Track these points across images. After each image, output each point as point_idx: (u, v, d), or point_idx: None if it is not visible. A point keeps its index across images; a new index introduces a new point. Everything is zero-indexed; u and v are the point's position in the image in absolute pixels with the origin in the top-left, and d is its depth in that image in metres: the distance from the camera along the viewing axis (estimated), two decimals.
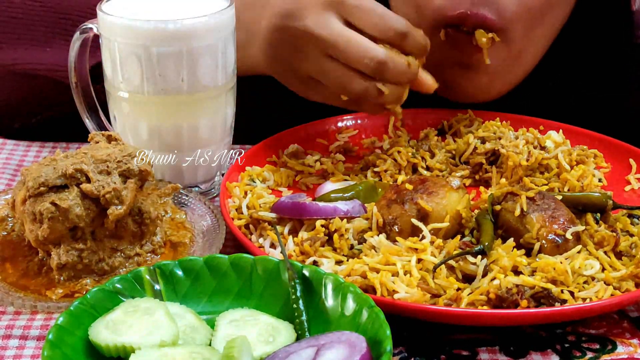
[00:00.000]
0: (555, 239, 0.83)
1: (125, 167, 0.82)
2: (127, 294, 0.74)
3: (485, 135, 1.04)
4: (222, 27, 0.93)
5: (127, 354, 0.67)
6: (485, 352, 0.76)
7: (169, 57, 0.90)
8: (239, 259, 0.77)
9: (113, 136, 0.88)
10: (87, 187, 0.79)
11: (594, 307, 0.76)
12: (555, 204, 0.86)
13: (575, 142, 1.07)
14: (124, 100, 0.94)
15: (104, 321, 0.70)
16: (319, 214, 0.87)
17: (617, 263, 0.82)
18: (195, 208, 0.92)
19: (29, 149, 1.11)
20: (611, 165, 1.05)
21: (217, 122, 0.97)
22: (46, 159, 0.82)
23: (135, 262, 0.83)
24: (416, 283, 0.78)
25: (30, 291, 0.79)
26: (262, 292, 0.76)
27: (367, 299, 0.71)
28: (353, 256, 0.83)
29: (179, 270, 0.77)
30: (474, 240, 0.86)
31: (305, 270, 0.75)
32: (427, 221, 0.85)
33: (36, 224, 0.79)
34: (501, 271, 0.79)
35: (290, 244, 0.85)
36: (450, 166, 1.04)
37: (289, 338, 0.71)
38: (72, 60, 0.96)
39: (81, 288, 0.80)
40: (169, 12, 0.93)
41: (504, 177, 1.00)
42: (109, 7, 0.93)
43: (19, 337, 0.77)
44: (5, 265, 0.83)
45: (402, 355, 0.76)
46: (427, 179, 0.89)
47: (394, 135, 1.10)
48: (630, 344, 0.77)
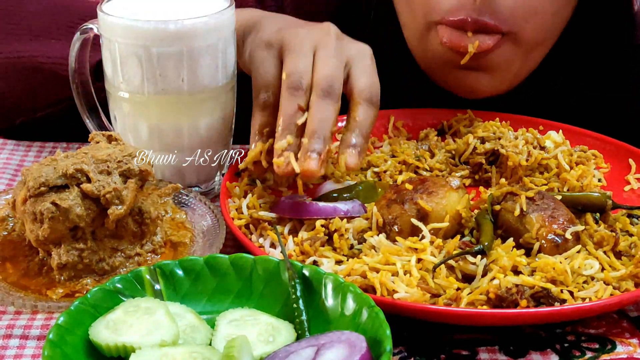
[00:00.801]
0: (554, 239, 0.83)
1: (125, 167, 0.82)
2: (128, 294, 0.74)
3: (485, 135, 1.05)
4: (222, 27, 0.93)
5: (127, 353, 0.67)
6: (485, 351, 0.76)
7: (169, 57, 0.90)
8: (239, 258, 0.77)
9: (113, 136, 0.88)
10: (87, 187, 0.79)
11: (593, 306, 0.76)
12: (554, 204, 0.86)
13: (575, 142, 1.07)
14: (125, 100, 0.94)
15: (104, 321, 0.70)
16: (319, 214, 0.88)
17: (617, 263, 0.82)
18: (195, 208, 0.92)
19: (29, 149, 1.12)
20: (611, 165, 1.05)
21: (217, 122, 0.97)
22: (47, 159, 0.82)
23: (136, 261, 0.83)
24: (416, 283, 0.78)
25: (30, 291, 0.79)
26: (262, 292, 0.76)
27: (367, 299, 0.71)
28: (353, 256, 0.84)
29: (179, 270, 0.77)
30: (474, 240, 0.86)
31: (305, 270, 0.75)
32: (426, 221, 0.85)
33: (37, 223, 0.79)
34: (501, 271, 0.79)
35: (290, 244, 0.85)
36: (450, 166, 1.04)
37: (289, 338, 0.71)
38: (72, 60, 0.96)
39: (82, 288, 0.80)
40: (169, 13, 0.93)
41: (504, 177, 1.00)
42: (110, 8, 0.93)
43: (20, 336, 0.77)
44: (6, 265, 0.83)
45: (402, 355, 0.76)
46: (427, 179, 0.89)
47: (393, 136, 1.10)
48: (629, 343, 0.77)
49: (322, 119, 0.86)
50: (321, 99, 0.87)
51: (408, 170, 1.02)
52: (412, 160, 1.02)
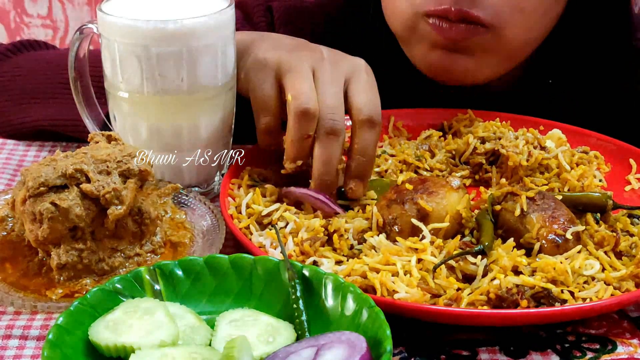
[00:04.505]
0: (555, 239, 0.83)
1: (125, 167, 0.82)
2: (127, 294, 0.74)
3: (485, 135, 1.05)
4: (222, 27, 0.93)
5: (127, 354, 0.67)
6: (485, 352, 0.76)
7: (169, 57, 0.90)
8: (239, 259, 0.77)
9: (113, 136, 0.88)
10: (87, 187, 0.79)
11: (594, 307, 0.76)
12: (555, 204, 0.86)
13: (576, 142, 1.07)
14: (124, 100, 0.94)
15: (104, 321, 0.70)
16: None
17: (617, 263, 0.82)
18: (195, 208, 0.92)
19: (28, 149, 1.12)
20: (611, 165, 1.05)
21: (217, 122, 0.97)
22: (46, 159, 0.82)
23: (135, 262, 0.83)
24: (416, 283, 0.78)
25: (30, 291, 0.79)
26: (262, 292, 0.76)
27: (367, 299, 0.71)
28: (353, 256, 0.84)
29: (179, 270, 0.77)
30: (474, 240, 0.86)
31: (305, 270, 0.75)
32: (427, 221, 0.85)
33: (36, 224, 0.79)
34: (501, 271, 0.79)
35: (290, 244, 0.85)
36: (450, 166, 1.04)
37: (289, 338, 0.71)
38: (72, 59, 0.96)
39: (81, 288, 0.80)
40: (168, 12, 0.93)
41: (504, 177, 1.00)
42: (109, 7, 0.93)
43: (19, 337, 0.77)
44: (5, 265, 0.83)
45: (402, 355, 0.76)
46: (427, 179, 0.89)
47: (393, 136, 1.10)
48: (630, 344, 0.77)
49: (326, 161, 0.90)
50: (326, 137, 0.89)
51: (408, 170, 1.02)
52: (412, 160, 1.02)
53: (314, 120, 0.89)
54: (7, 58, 1.17)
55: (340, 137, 0.90)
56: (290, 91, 0.90)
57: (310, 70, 0.92)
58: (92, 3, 2.25)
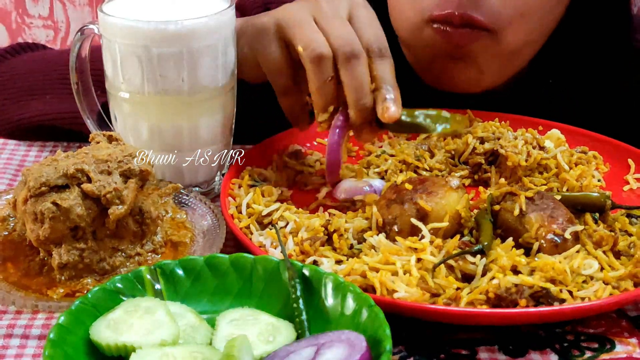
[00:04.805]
0: (554, 239, 0.83)
1: (126, 167, 0.83)
2: (128, 294, 0.74)
3: (485, 135, 1.05)
4: (222, 28, 0.93)
5: (127, 353, 0.68)
6: (485, 351, 0.76)
7: (170, 57, 0.91)
8: (240, 258, 0.77)
9: (114, 136, 0.88)
10: (88, 187, 0.80)
11: (592, 306, 0.76)
12: (554, 204, 0.86)
13: (575, 142, 1.08)
14: (125, 100, 0.94)
15: (104, 320, 0.70)
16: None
17: (616, 263, 0.82)
18: (195, 208, 0.92)
19: (30, 149, 1.12)
20: (610, 165, 1.05)
21: (217, 122, 0.97)
22: (47, 159, 0.83)
23: (136, 261, 0.83)
24: (416, 282, 0.78)
25: (31, 291, 0.80)
26: (263, 292, 0.76)
27: (366, 299, 0.71)
28: (353, 256, 0.84)
29: (180, 269, 0.77)
30: (473, 239, 0.86)
31: (305, 270, 0.75)
32: (426, 221, 0.85)
33: (37, 223, 0.80)
34: (500, 271, 0.80)
35: (290, 244, 0.85)
36: (449, 166, 1.04)
37: (289, 337, 0.71)
38: (73, 60, 0.97)
39: (82, 287, 0.80)
40: (169, 13, 0.93)
41: (503, 177, 1.00)
42: (110, 8, 0.93)
43: (21, 336, 0.77)
44: (7, 265, 0.83)
45: (401, 354, 0.76)
46: (426, 178, 0.90)
47: (393, 136, 1.10)
48: (628, 343, 0.77)
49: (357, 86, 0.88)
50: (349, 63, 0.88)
51: (408, 170, 1.02)
52: (411, 160, 1.02)
53: (330, 60, 0.88)
54: (5, 59, 1.18)
55: (362, 57, 0.88)
56: (299, 43, 0.89)
57: (310, 16, 0.91)
58: (93, 4, 2.26)
